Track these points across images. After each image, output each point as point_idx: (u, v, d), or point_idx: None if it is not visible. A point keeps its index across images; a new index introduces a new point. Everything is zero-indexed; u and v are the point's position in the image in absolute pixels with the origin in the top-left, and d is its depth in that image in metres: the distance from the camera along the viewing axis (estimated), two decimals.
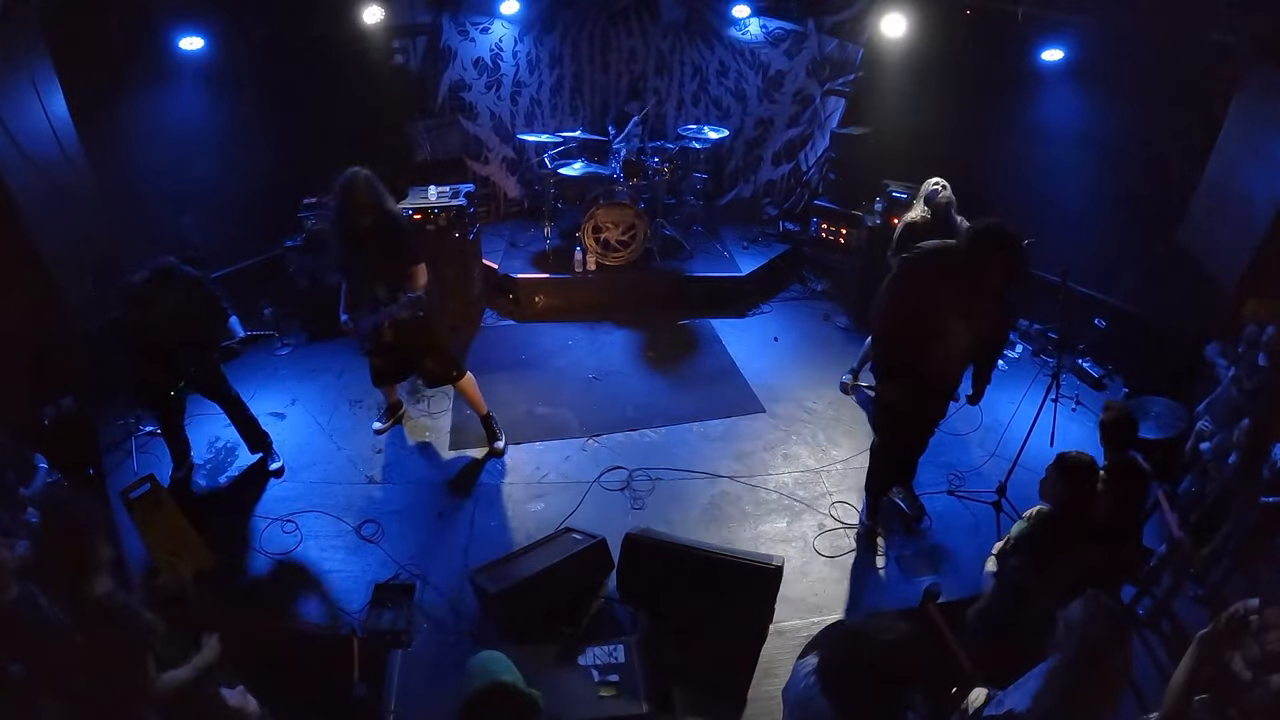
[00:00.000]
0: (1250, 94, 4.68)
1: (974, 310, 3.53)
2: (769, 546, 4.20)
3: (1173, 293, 5.23)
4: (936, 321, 3.56)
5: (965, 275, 3.47)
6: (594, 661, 3.18)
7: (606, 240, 6.58)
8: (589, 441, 5.09)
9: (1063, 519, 3.02)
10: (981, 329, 3.62)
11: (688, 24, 7.67)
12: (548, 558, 3.73)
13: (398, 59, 7.17)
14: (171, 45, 5.44)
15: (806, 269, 7.41)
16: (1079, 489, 2.96)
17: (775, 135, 8.01)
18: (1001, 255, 3.41)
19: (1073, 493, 2.97)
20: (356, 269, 4.31)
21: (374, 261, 4.21)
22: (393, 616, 3.64)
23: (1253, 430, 3.62)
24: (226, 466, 4.81)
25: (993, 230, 3.43)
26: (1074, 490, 2.97)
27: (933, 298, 3.54)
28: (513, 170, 8.02)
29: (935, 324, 3.56)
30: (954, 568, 4.17)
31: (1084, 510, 3.00)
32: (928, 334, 3.59)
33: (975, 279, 3.45)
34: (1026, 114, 6.20)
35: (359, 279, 4.34)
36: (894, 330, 3.76)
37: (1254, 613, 2.37)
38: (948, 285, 3.51)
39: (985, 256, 3.42)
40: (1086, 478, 2.97)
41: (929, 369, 3.68)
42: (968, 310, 3.52)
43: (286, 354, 6.02)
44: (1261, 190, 4.56)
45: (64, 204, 4.66)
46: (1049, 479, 3.05)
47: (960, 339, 3.59)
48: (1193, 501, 4.07)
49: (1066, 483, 2.98)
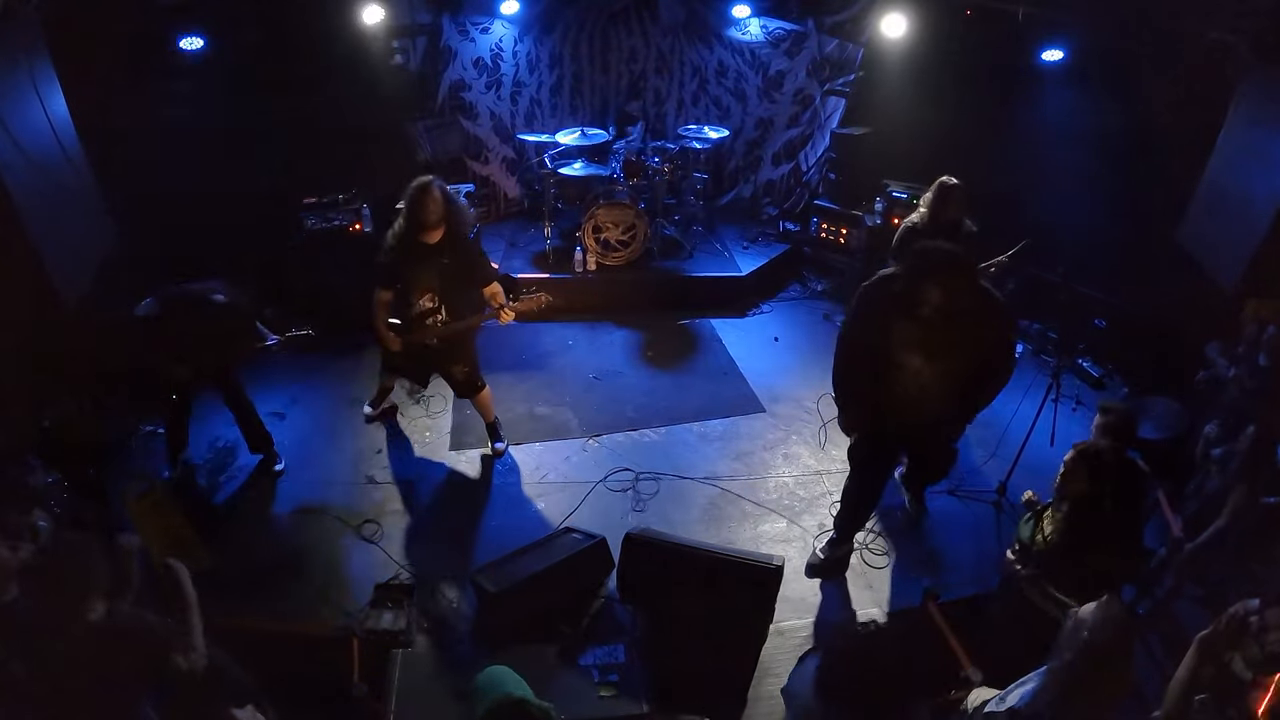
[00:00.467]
0: (1250, 94, 4.68)
1: (940, 339, 3.24)
2: (769, 546, 4.20)
3: (1173, 293, 5.23)
4: (891, 352, 3.34)
5: (906, 303, 3.23)
6: (594, 661, 3.19)
7: (606, 240, 6.57)
8: (589, 441, 5.09)
9: (1081, 514, 3.04)
10: (961, 359, 3.31)
11: (687, 24, 7.67)
12: (548, 558, 3.73)
13: (398, 59, 7.16)
14: (171, 45, 5.44)
15: (806, 269, 7.41)
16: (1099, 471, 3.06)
17: (775, 135, 8.01)
18: (933, 278, 3.13)
19: (1091, 478, 3.00)
20: (415, 280, 4.24)
21: (440, 276, 4.20)
22: (393, 616, 3.63)
23: (1257, 434, 3.61)
24: (226, 466, 4.81)
25: (922, 253, 3.22)
26: (1094, 474, 3.03)
27: (884, 328, 3.34)
28: (513, 170, 8.02)
29: (890, 354, 3.35)
30: (954, 568, 4.17)
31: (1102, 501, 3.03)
32: (883, 364, 3.39)
33: (914, 306, 3.20)
34: (1026, 114, 6.20)
35: (413, 291, 4.27)
36: (844, 360, 3.62)
37: (1254, 613, 2.37)
38: (896, 314, 3.30)
39: (916, 280, 3.18)
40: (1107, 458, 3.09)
41: (887, 401, 3.48)
42: (929, 339, 3.25)
43: (286, 354, 6.01)
44: (1261, 190, 4.56)
45: (64, 204, 4.66)
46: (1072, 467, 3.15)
47: (924, 369, 3.34)
48: (1191, 497, 4.07)
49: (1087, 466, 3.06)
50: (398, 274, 4.25)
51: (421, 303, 4.29)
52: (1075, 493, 3.12)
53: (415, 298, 4.28)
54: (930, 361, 3.32)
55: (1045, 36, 5.75)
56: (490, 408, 4.86)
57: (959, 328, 3.20)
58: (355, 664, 3.30)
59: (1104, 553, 3.06)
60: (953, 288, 3.12)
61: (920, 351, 3.30)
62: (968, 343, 3.26)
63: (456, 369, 4.54)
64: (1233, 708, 2.34)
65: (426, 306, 4.30)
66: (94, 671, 2.21)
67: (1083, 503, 3.12)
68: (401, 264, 4.21)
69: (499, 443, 4.92)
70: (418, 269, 4.20)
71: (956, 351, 3.28)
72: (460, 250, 4.23)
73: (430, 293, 4.26)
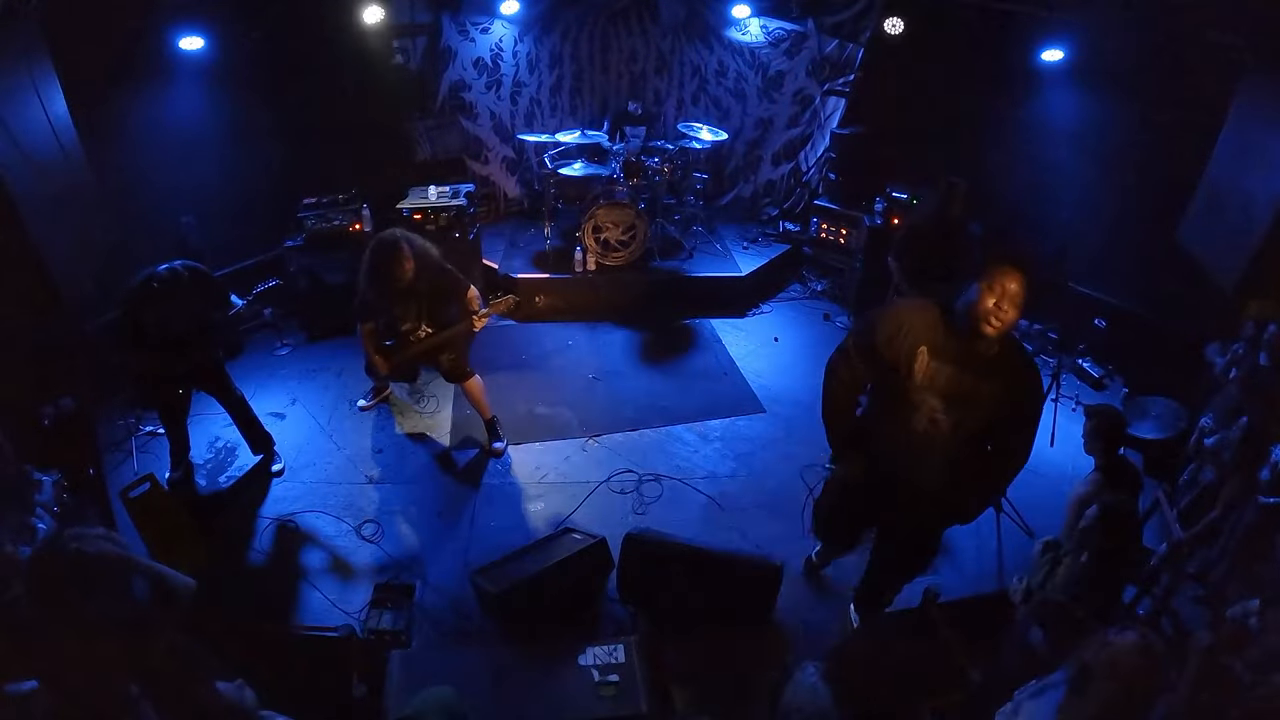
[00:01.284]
0: (1250, 94, 4.67)
1: (968, 384, 2.74)
2: (769, 546, 4.20)
3: (1173, 293, 5.23)
4: (909, 385, 2.83)
5: (972, 319, 2.65)
6: (594, 661, 3.19)
7: (606, 240, 6.57)
8: (589, 442, 5.09)
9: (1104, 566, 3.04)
10: (978, 416, 2.79)
11: (687, 24, 7.67)
12: (548, 558, 3.73)
13: (398, 59, 7.16)
14: (171, 45, 5.44)
15: (806, 269, 7.41)
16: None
17: (775, 135, 8.01)
18: (999, 278, 2.61)
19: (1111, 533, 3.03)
20: (396, 314, 4.44)
21: (422, 306, 4.40)
22: (393, 616, 3.64)
23: (1250, 429, 3.61)
24: (227, 466, 4.81)
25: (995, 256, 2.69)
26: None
27: (910, 351, 2.79)
28: (513, 170, 8.02)
29: (906, 388, 2.83)
30: (954, 568, 4.17)
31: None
32: (894, 398, 2.89)
33: (979, 320, 2.64)
34: (1026, 114, 6.20)
35: (396, 320, 4.47)
36: (848, 384, 3.04)
37: (1254, 614, 2.37)
38: (936, 334, 2.78)
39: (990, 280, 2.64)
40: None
41: (885, 445, 3.03)
42: (958, 379, 2.75)
43: (286, 354, 6.03)
44: (1261, 190, 4.55)
45: (64, 204, 4.65)
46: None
47: (940, 416, 2.83)
48: (1186, 489, 4.07)
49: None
50: (377, 311, 4.43)
51: (405, 328, 4.46)
52: (1099, 548, 3.09)
53: (399, 324, 4.46)
54: (950, 407, 2.80)
55: (1045, 36, 5.75)
56: (485, 403, 4.87)
57: (989, 378, 2.73)
58: (355, 664, 3.30)
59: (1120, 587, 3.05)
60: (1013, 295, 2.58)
61: (943, 391, 2.79)
62: (990, 400, 2.76)
63: (444, 356, 4.64)
64: (1234, 708, 2.33)
65: (410, 327, 4.47)
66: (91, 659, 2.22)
67: (1105, 556, 3.09)
68: (378, 304, 4.38)
69: (498, 442, 4.93)
70: (396, 305, 4.38)
71: (976, 405, 2.77)
72: (432, 275, 4.35)
73: (410, 320, 4.45)
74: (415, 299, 4.37)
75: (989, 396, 2.74)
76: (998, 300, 2.57)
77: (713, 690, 3.40)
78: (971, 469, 2.94)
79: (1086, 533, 3.09)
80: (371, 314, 4.46)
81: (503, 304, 4.66)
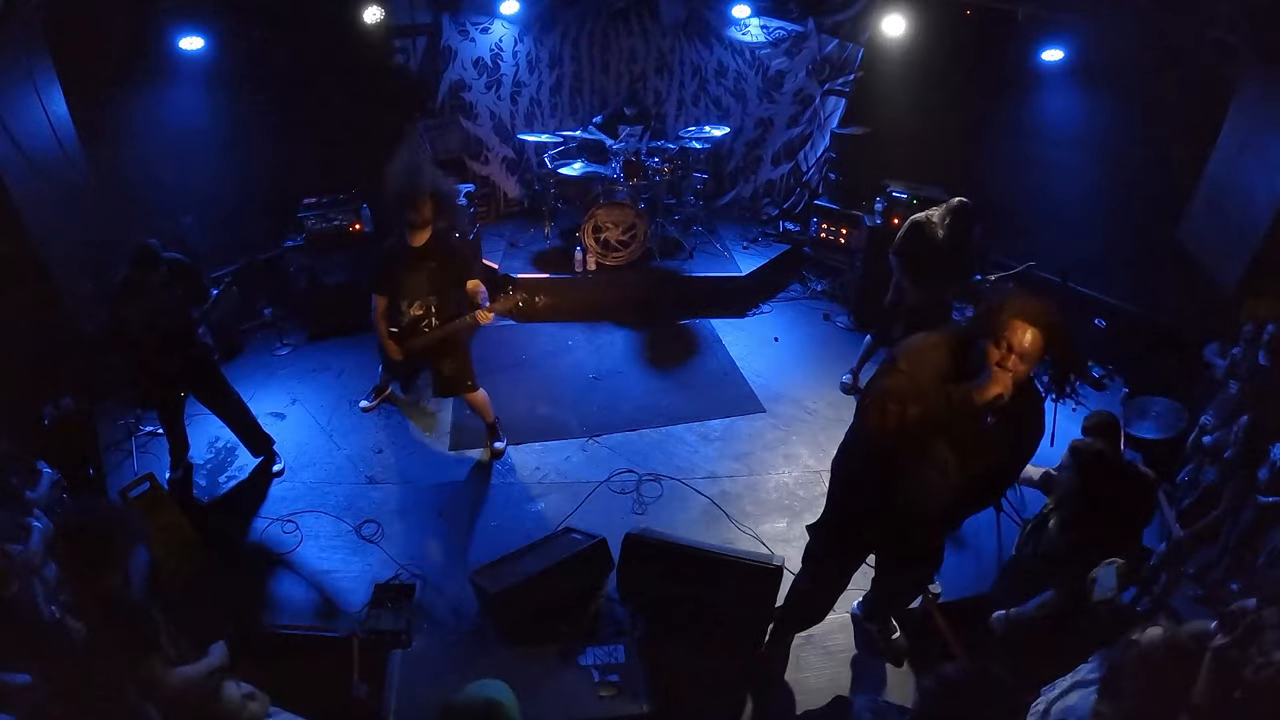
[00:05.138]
0: (1250, 94, 4.68)
1: (983, 429, 2.61)
2: (769, 546, 4.20)
3: (1173, 293, 5.23)
4: (924, 433, 2.61)
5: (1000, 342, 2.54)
6: (594, 661, 3.18)
7: (606, 240, 6.57)
8: (589, 442, 5.09)
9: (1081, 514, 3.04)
10: (986, 460, 2.68)
11: (687, 24, 7.67)
12: (548, 558, 3.73)
13: (398, 59, 7.17)
14: (171, 45, 5.44)
15: (806, 269, 7.41)
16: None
17: (775, 135, 8.01)
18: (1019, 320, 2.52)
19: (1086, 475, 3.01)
20: (406, 288, 4.37)
21: (430, 281, 4.32)
22: (393, 616, 3.63)
23: (1250, 428, 3.61)
24: (227, 466, 4.81)
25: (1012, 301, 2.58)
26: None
27: (935, 393, 2.56)
28: (513, 170, 8.02)
29: (921, 436, 2.63)
30: (954, 568, 4.16)
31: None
32: (911, 446, 2.67)
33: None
34: (1026, 114, 6.20)
35: (404, 298, 4.39)
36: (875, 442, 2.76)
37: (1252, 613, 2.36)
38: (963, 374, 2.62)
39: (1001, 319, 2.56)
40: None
41: (888, 492, 2.85)
42: (974, 423, 2.59)
43: (286, 354, 6.03)
44: (1261, 190, 4.56)
45: (64, 204, 4.66)
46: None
47: (951, 464, 2.70)
48: (1186, 489, 4.07)
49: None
50: (391, 279, 4.34)
51: (412, 310, 4.38)
52: (1070, 489, 3.10)
53: (406, 306, 4.38)
54: (962, 456, 2.68)
55: (1045, 36, 5.75)
56: (488, 409, 4.86)
57: (1000, 424, 2.61)
58: (355, 664, 3.29)
59: (1102, 554, 3.04)
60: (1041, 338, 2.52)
61: (958, 436, 2.63)
62: (997, 445, 2.65)
63: (445, 364, 4.56)
64: (1237, 690, 2.31)
65: (417, 314, 4.38)
66: (102, 652, 2.24)
67: (1082, 503, 3.11)
68: (391, 271, 4.31)
69: (499, 443, 4.93)
70: (408, 275, 4.29)
71: (984, 452, 2.66)
72: (445, 250, 4.32)
73: (420, 299, 4.36)
74: (425, 271, 4.26)
75: (998, 441, 2.63)
76: (1003, 357, 2.48)
77: (712, 691, 3.40)
78: (966, 497, 2.83)
79: (1063, 481, 3.09)
80: (385, 286, 4.35)
81: (510, 301, 4.45)
